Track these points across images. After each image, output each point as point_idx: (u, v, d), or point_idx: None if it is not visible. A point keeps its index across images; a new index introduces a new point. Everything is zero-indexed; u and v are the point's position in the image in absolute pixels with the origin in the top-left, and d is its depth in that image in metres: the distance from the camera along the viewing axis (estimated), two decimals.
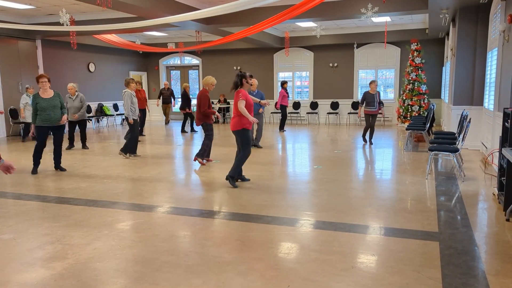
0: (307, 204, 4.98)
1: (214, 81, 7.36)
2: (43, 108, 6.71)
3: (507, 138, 4.49)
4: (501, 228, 4.03)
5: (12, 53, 12.11)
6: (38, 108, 6.70)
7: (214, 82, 7.36)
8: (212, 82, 7.32)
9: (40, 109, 6.70)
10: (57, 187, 5.97)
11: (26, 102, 11.03)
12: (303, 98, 16.14)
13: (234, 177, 5.83)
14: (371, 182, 6.05)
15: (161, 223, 4.32)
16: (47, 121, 6.76)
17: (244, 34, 9.91)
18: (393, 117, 14.63)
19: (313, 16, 9.54)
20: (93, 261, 3.40)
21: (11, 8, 10.42)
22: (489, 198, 5.09)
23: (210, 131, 7.46)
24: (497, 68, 6.98)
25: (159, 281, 3.03)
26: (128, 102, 8.05)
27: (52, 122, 6.81)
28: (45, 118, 6.74)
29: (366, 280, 2.99)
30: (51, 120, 6.79)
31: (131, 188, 5.85)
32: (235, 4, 6.00)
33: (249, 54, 16.21)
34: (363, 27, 13.84)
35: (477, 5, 8.34)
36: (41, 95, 6.76)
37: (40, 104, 6.69)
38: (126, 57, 16.60)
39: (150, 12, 8.56)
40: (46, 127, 6.81)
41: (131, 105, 8.10)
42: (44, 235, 4.01)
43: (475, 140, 8.55)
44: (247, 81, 5.82)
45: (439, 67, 14.14)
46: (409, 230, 4.00)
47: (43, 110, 6.71)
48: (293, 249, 3.58)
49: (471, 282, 2.94)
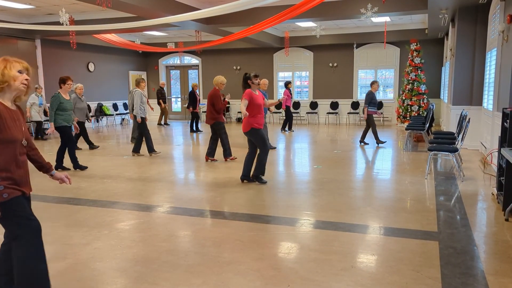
0: (307, 204, 4.99)
1: (224, 80, 7.64)
2: (65, 109, 6.93)
3: (506, 138, 4.50)
4: (500, 228, 4.04)
5: (11, 52, 12.08)
6: (60, 108, 6.87)
7: (224, 81, 7.64)
8: (222, 81, 7.60)
9: (63, 109, 6.89)
10: (57, 187, 5.97)
11: (34, 102, 11.14)
12: (303, 98, 16.15)
13: (259, 176, 5.94)
14: (371, 182, 6.05)
15: (161, 223, 4.33)
16: (67, 121, 7.02)
17: (244, 34, 9.91)
18: (392, 117, 14.63)
19: (313, 16, 9.55)
20: (93, 261, 3.40)
21: (11, 8, 10.42)
22: (488, 198, 5.10)
23: (223, 129, 7.63)
24: (496, 68, 6.99)
25: (159, 281, 3.04)
26: (138, 101, 8.26)
27: (70, 123, 7.10)
28: (67, 119, 6.99)
29: (366, 280, 3.00)
30: (69, 121, 7.07)
31: (131, 188, 5.86)
32: (235, 4, 6.00)
33: (249, 54, 16.21)
34: (362, 27, 13.85)
35: (477, 5, 8.35)
36: (63, 96, 6.96)
37: (64, 105, 6.90)
38: (126, 56, 16.59)
39: (149, 12, 8.56)
40: (69, 126, 7.08)
41: (141, 104, 8.27)
42: (44, 235, 3.96)
43: (474, 140, 8.57)
44: (252, 81, 5.83)
45: (438, 67, 14.15)
46: (408, 230, 4.01)
47: (65, 110, 6.93)
48: (293, 249, 3.59)
49: (470, 281, 2.95)
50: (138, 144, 8.48)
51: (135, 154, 8.45)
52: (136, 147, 8.45)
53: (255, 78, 5.85)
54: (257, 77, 5.88)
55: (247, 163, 6.06)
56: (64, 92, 7.00)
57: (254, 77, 5.85)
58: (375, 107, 9.56)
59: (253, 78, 5.84)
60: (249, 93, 5.77)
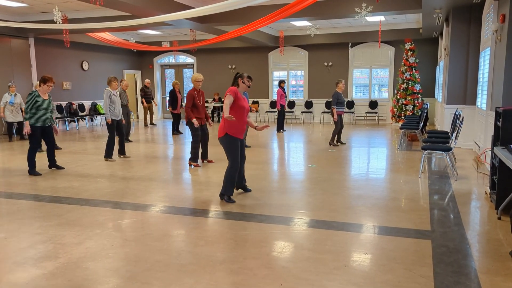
0: (301, 202, 4.98)
1: (199, 77, 7.09)
2: (41, 108, 6.64)
3: (499, 137, 4.51)
4: (492, 227, 4.06)
5: (4, 51, 12.01)
6: (36, 106, 6.58)
7: (199, 79, 7.09)
8: (195, 79, 7.08)
9: (37, 108, 6.61)
10: (49, 186, 5.93)
11: (6, 101, 10.63)
12: (298, 97, 16.15)
13: (226, 195, 5.02)
14: (365, 181, 6.06)
15: (153, 222, 4.31)
16: (42, 121, 6.72)
17: (239, 33, 9.90)
18: (387, 116, 14.68)
19: (307, 15, 9.55)
20: (85, 260, 3.38)
21: (4, 6, 10.33)
22: (481, 197, 5.12)
23: (194, 131, 7.13)
24: (489, 68, 7.02)
25: (151, 280, 3.02)
26: (107, 101, 7.65)
27: (45, 123, 6.79)
28: (40, 118, 6.68)
29: (359, 279, 2.99)
30: (45, 121, 6.77)
31: (124, 187, 5.83)
32: (228, 3, 5.99)
33: (244, 53, 16.20)
34: (357, 27, 13.87)
35: (470, 5, 8.38)
36: (41, 95, 6.67)
37: (39, 104, 6.61)
38: (120, 55, 16.52)
39: (143, 10, 8.52)
40: (40, 127, 6.74)
41: (110, 104, 7.69)
42: (35, 235, 3.98)
43: (468, 139, 8.60)
44: (243, 81, 5.08)
45: (432, 66, 14.20)
46: (401, 229, 4.02)
47: (40, 110, 6.64)
48: (286, 248, 3.58)
49: (463, 280, 2.96)
50: (122, 146, 8.22)
51: (121, 156, 8.21)
52: (109, 153, 7.99)
53: (247, 80, 5.09)
54: (250, 80, 5.14)
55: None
56: (43, 91, 6.68)
57: (247, 78, 5.10)
58: (342, 107, 9.45)
59: (246, 78, 5.08)
60: (235, 90, 4.95)
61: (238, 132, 4.92)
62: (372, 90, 15.20)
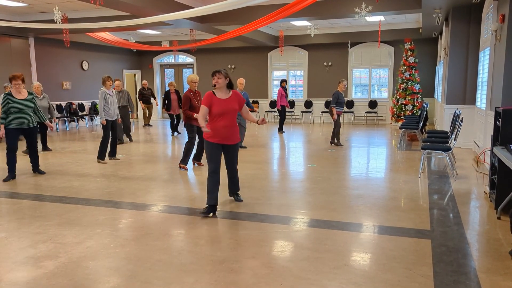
0: (301, 202, 4.99)
1: (194, 78, 6.81)
2: (15, 110, 6.22)
3: (498, 136, 4.52)
4: (492, 226, 4.07)
5: (4, 50, 12.01)
6: (9, 109, 6.19)
7: (194, 79, 6.81)
8: (191, 80, 6.81)
9: (12, 110, 6.20)
10: (49, 186, 5.93)
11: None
12: (298, 97, 16.16)
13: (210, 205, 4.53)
14: (365, 180, 6.07)
15: (154, 222, 4.31)
16: (18, 123, 6.28)
17: (239, 33, 9.90)
18: (386, 116, 14.68)
19: (307, 15, 9.55)
20: (86, 259, 3.39)
21: (4, 6, 10.33)
22: (481, 197, 5.13)
23: (191, 133, 6.91)
24: (489, 68, 7.03)
25: (152, 279, 3.03)
26: (102, 102, 7.38)
27: (23, 125, 6.35)
28: (15, 120, 6.25)
29: (359, 278, 3.00)
30: (22, 123, 6.32)
31: (124, 187, 5.83)
32: (228, 3, 5.99)
33: (244, 53, 16.20)
34: (357, 26, 13.87)
35: (470, 5, 8.39)
36: (15, 96, 6.25)
37: (12, 105, 6.19)
38: (120, 55, 16.51)
39: (143, 10, 8.52)
40: (16, 129, 6.30)
41: (105, 104, 7.42)
42: (36, 234, 3.99)
43: (467, 139, 8.61)
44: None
45: (432, 66, 14.21)
46: (401, 228, 4.02)
47: (15, 112, 6.22)
48: (286, 247, 3.59)
49: (462, 279, 2.96)
50: (113, 148, 7.99)
51: (111, 158, 8.00)
52: (111, 151, 7.93)
53: (212, 78, 4.53)
54: (213, 76, 4.52)
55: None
56: (15, 92, 6.24)
57: (212, 77, 4.54)
58: (341, 107, 9.38)
59: (215, 75, 4.51)
60: (207, 97, 4.47)
61: (215, 136, 4.54)
62: (372, 90, 15.21)
